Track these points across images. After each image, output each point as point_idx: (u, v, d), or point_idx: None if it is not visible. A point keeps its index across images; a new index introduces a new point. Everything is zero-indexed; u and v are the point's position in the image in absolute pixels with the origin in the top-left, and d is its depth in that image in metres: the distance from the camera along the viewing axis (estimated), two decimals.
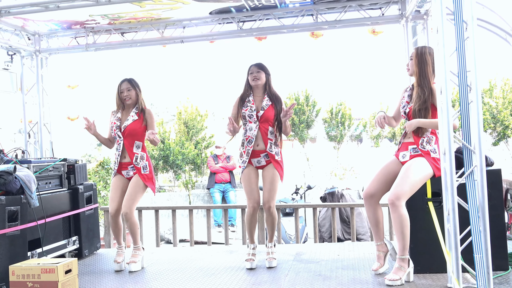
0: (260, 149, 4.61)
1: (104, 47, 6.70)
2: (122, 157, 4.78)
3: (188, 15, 6.21)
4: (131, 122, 4.74)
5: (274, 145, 4.61)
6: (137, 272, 4.67)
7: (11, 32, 6.40)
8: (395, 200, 3.79)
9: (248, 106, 4.62)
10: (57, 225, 5.02)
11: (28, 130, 6.84)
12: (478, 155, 3.50)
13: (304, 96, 14.10)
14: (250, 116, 4.59)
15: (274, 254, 4.68)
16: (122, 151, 4.77)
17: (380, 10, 5.96)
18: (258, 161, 4.63)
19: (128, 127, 4.73)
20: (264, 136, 4.58)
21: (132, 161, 4.74)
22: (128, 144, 4.75)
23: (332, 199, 8.25)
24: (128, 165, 4.78)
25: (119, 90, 4.81)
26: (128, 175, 4.80)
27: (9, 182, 4.23)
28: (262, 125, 4.58)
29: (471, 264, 3.54)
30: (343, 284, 3.96)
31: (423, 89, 3.92)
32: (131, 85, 4.80)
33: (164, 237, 10.16)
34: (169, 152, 12.86)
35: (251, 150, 4.59)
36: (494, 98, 13.17)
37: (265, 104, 4.60)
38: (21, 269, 3.90)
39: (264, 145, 4.58)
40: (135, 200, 4.68)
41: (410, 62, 4.05)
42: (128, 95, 4.77)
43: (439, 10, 3.52)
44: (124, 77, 4.90)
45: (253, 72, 4.64)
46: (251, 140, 4.59)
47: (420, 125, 3.89)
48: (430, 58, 3.94)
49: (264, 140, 4.58)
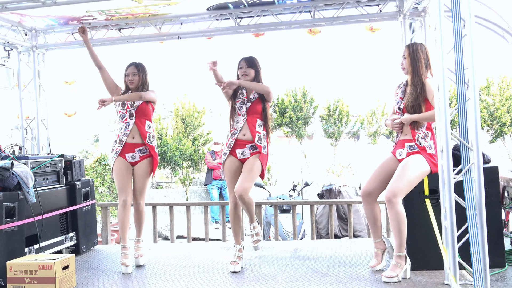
0: (247, 139, 4.44)
1: (101, 43, 6.68)
2: (130, 137, 4.63)
3: (186, 11, 6.19)
4: (140, 102, 4.68)
5: (263, 138, 4.45)
6: (134, 268, 4.66)
7: (8, 28, 6.37)
8: (391, 197, 3.81)
9: (241, 98, 4.53)
10: (54, 221, 5.01)
11: (25, 126, 6.82)
12: (475, 153, 3.52)
13: (301, 93, 14.09)
14: (240, 108, 4.50)
15: (258, 236, 4.52)
16: (131, 131, 4.63)
17: (378, 7, 5.95)
18: (243, 152, 4.45)
19: (140, 106, 4.66)
20: (251, 128, 4.43)
21: (145, 141, 4.63)
22: (139, 123, 4.64)
23: (329, 196, 8.27)
24: (135, 147, 4.63)
25: (125, 73, 4.78)
26: (134, 159, 4.63)
27: (6, 178, 4.22)
28: (249, 117, 4.45)
29: (468, 261, 3.55)
30: (340, 280, 3.98)
31: (415, 86, 3.94)
32: (137, 70, 4.75)
33: (161, 234, 10.16)
34: (166, 149, 12.85)
35: (233, 142, 4.45)
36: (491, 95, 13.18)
37: (253, 97, 4.49)
38: (18, 265, 3.90)
39: (252, 137, 4.42)
40: (146, 188, 4.70)
41: (404, 61, 4.05)
42: (133, 79, 4.72)
43: (437, 7, 3.53)
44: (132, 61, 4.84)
45: (243, 67, 4.54)
46: (235, 132, 4.47)
47: (415, 119, 3.89)
48: (422, 54, 3.97)
49: (251, 132, 4.42)
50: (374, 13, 5.96)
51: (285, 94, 14.15)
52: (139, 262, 4.75)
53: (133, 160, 4.65)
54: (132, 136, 4.63)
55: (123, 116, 4.67)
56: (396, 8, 5.87)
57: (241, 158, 4.47)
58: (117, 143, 4.65)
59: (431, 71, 3.94)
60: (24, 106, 6.86)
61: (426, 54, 4.00)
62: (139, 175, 4.66)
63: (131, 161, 4.65)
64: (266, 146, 4.47)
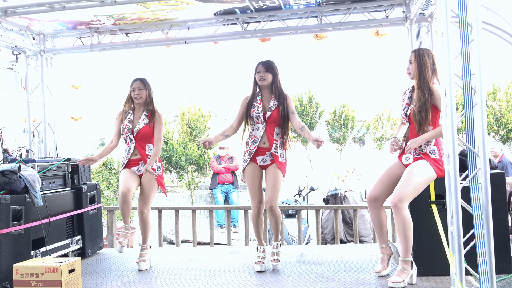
0: (266, 148, 4.56)
1: (109, 48, 6.72)
2: (133, 155, 4.79)
3: (193, 16, 6.22)
4: (142, 126, 4.76)
5: (280, 146, 4.56)
6: (140, 272, 4.67)
7: (16, 32, 6.42)
8: (397, 203, 3.80)
9: (255, 107, 4.58)
10: (60, 225, 5.03)
11: (32, 130, 6.86)
12: (482, 158, 3.51)
13: (307, 98, 14.10)
14: (257, 117, 4.56)
15: (278, 256, 4.66)
16: (132, 153, 4.78)
17: (385, 12, 5.95)
18: (263, 159, 4.58)
19: (140, 131, 4.76)
20: (270, 136, 4.54)
21: (145, 161, 4.74)
22: (140, 147, 4.77)
23: (335, 201, 8.25)
24: (139, 161, 4.78)
25: (131, 88, 4.84)
26: (139, 171, 4.79)
27: (14, 181, 4.25)
28: (268, 126, 4.55)
29: (474, 267, 3.54)
30: (346, 286, 3.97)
31: (423, 91, 3.93)
32: (142, 85, 4.83)
33: (166, 238, 10.17)
34: (172, 153, 12.86)
35: (254, 150, 4.56)
36: (497, 101, 13.14)
37: (273, 105, 4.56)
38: (25, 268, 3.91)
39: (269, 145, 4.55)
40: (150, 198, 4.76)
41: (411, 66, 4.06)
42: (139, 94, 4.79)
43: (444, 13, 3.53)
44: (136, 76, 4.93)
45: (260, 71, 4.58)
46: (255, 140, 4.56)
47: (425, 141, 3.88)
48: (428, 60, 3.97)
49: (269, 141, 4.55)
50: (381, 19, 5.97)
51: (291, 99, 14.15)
52: (140, 267, 4.77)
53: (139, 173, 4.81)
54: (134, 154, 4.81)
55: (126, 140, 4.84)
56: (403, 13, 5.87)
57: (261, 165, 4.61)
58: (123, 160, 4.84)
59: (437, 77, 3.94)
60: (32, 109, 6.90)
61: (433, 59, 4.00)
62: (144, 185, 4.77)
63: (137, 173, 4.81)
64: (283, 154, 4.59)
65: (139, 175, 4.80)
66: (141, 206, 4.77)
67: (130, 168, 4.79)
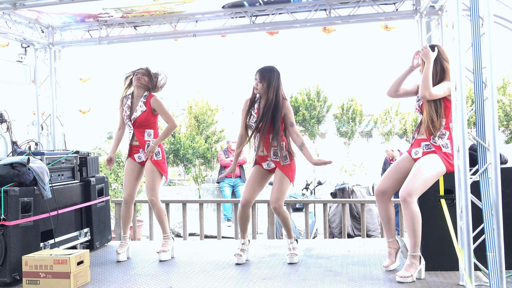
0: (265, 155, 4.53)
1: (117, 40, 6.72)
2: (133, 140, 4.85)
3: (201, 9, 6.20)
4: (139, 113, 4.78)
5: (280, 150, 4.42)
6: (148, 265, 4.69)
7: (25, 25, 6.43)
8: (406, 197, 3.78)
9: (251, 115, 4.54)
10: (69, 217, 5.05)
11: (41, 122, 6.89)
12: (492, 153, 3.48)
13: (315, 92, 14.07)
14: (251, 127, 4.53)
15: (295, 250, 4.65)
16: (132, 138, 4.85)
17: (394, 5, 5.90)
18: (268, 164, 4.56)
19: (138, 119, 4.78)
20: (266, 146, 4.48)
21: (144, 150, 4.78)
22: (138, 133, 4.80)
23: (342, 195, 8.23)
24: (139, 147, 4.82)
25: (135, 71, 4.88)
26: (140, 159, 4.84)
27: (23, 174, 4.27)
28: (262, 135, 4.46)
29: (483, 262, 3.52)
30: (354, 280, 3.96)
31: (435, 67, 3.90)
32: (147, 72, 4.87)
33: (174, 231, 10.20)
34: (179, 146, 12.89)
35: (256, 158, 4.62)
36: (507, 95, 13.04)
37: (266, 115, 4.42)
38: (34, 259, 3.94)
39: (267, 153, 4.50)
40: (155, 186, 4.76)
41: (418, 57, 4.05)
42: (142, 77, 4.82)
43: (455, 6, 3.49)
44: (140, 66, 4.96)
45: (256, 79, 4.49)
46: (255, 148, 4.57)
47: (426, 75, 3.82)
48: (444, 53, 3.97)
49: (266, 149, 4.49)
50: (390, 12, 5.92)
51: (299, 93, 14.13)
52: (160, 257, 4.82)
53: (140, 160, 4.86)
54: (134, 139, 4.86)
55: (127, 125, 4.89)
56: (413, 6, 5.82)
57: (268, 169, 4.61)
58: (127, 147, 4.90)
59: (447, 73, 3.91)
60: (40, 102, 6.93)
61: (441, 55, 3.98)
62: (146, 174, 4.81)
63: (139, 161, 4.87)
64: (287, 155, 4.49)
65: (140, 163, 4.85)
66: (148, 194, 4.79)
67: (133, 157, 4.85)
